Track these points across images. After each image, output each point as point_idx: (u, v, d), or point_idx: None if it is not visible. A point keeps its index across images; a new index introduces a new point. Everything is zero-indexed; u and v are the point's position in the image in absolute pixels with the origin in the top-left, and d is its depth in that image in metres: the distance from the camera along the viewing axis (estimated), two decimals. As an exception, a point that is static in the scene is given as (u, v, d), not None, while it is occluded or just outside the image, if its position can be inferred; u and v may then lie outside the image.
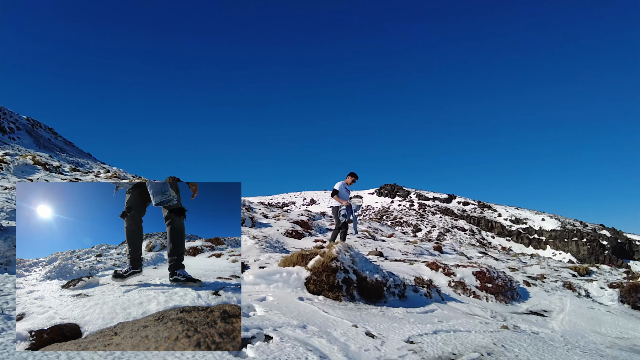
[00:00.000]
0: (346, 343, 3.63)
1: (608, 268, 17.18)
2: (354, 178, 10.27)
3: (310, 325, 3.95)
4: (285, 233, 14.03)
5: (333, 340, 3.62)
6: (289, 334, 3.52)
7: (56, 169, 17.99)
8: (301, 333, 3.63)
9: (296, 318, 4.10)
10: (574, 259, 74.32)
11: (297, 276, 5.58)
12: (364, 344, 3.71)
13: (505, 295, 8.14)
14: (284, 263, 6.12)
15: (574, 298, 9.39)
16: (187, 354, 2.62)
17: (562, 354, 4.50)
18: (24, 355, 2.38)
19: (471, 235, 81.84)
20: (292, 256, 6.16)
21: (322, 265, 5.64)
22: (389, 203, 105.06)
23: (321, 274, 5.56)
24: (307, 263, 5.83)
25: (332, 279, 5.53)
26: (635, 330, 7.26)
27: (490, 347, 4.22)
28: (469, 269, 8.73)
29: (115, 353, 2.54)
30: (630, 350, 5.86)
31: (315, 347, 3.32)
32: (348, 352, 3.40)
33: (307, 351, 3.16)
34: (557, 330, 6.44)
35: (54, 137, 42.44)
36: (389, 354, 3.60)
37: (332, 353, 3.29)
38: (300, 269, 5.75)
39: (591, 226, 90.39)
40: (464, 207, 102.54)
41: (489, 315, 6.50)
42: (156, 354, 2.60)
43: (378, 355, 3.50)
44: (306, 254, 6.10)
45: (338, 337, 3.76)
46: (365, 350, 3.54)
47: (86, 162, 32.21)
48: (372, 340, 3.86)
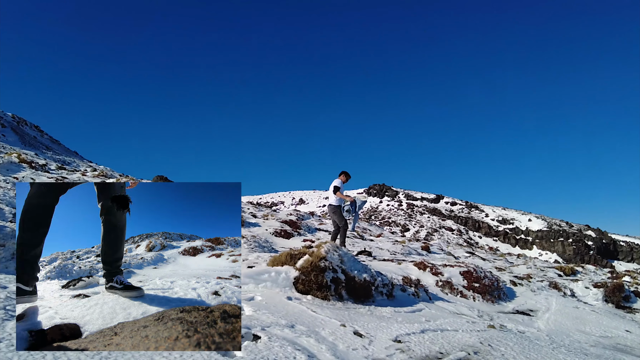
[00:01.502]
0: (334, 342, 3.63)
1: (593, 268, 17.43)
2: (347, 177, 10.26)
3: (299, 324, 3.95)
4: (274, 233, 14.01)
5: (321, 339, 3.63)
6: (277, 333, 3.52)
7: (42, 167, 17.76)
8: (289, 332, 3.63)
9: (284, 317, 4.10)
10: (560, 259, 75.12)
11: (286, 276, 5.58)
12: (352, 343, 3.72)
13: (492, 295, 8.21)
14: (272, 263, 6.11)
15: (559, 298, 9.51)
16: (175, 354, 2.61)
17: (548, 353, 4.55)
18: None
19: (459, 235, 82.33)
20: (281, 256, 6.16)
21: (310, 265, 5.64)
22: (378, 203, 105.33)
23: (310, 273, 5.56)
24: (296, 263, 5.83)
25: (320, 278, 5.54)
26: (619, 329, 7.37)
27: (477, 346, 4.26)
28: (456, 269, 8.79)
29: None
30: (614, 348, 5.95)
31: (304, 347, 3.32)
32: (336, 351, 3.41)
33: (296, 350, 3.16)
34: (543, 330, 6.52)
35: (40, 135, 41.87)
36: (377, 353, 3.61)
37: (320, 352, 3.30)
38: (288, 268, 5.74)
39: (577, 227, 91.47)
40: (452, 208, 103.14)
41: (475, 315, 6.55)
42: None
43: (366, 354, 3.52)
44: (295, 254, 6.10)
45: (326, 336, 3.77)
46: (353, 350, 3.55)
47: (73, 160, 31.83)
48: (360, 340, 3.87)
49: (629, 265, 74.50)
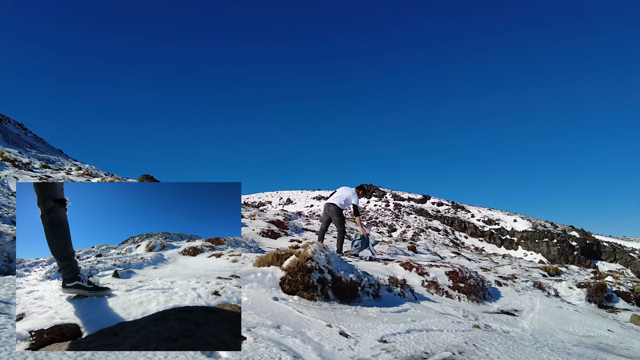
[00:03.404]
0: (320, 343, 3.63)
1: (577, 268, 17.69)
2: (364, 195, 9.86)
3: (285, 325, 3.94)
4: (261, 233, 13.98)
5: (307, 340, 3.62)
6: (262, 334, 3.50)
7: (26, 166, 17.50)
8: (275, 333, 3.61)
9: (270, 318, 4.08)
10: (545, 259, 75.90)
11: (272, 276, 5.56)
12: (337, 343, 3.72)
13: (477, 295, 8.28)
14: (258, 263, 6.08)
15: (543, 298, 9.62)
16: (160, 354, 2.59)
17: (532, 353, 4.60)
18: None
19: (445, 235, 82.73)
20: (267, 256, 6.14)
21: (297, 265, 5.63)
22: (365, 203, 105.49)
23: (296, 273, 5.55)
24: (282, 263, 5.82)
25: (307, 278, 5.53)
26: (601, 328, 7.49)
27: (462, 345, 4.29)
28: (442, 269, 8.85)
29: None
30: (596, 348, 6.04)
31: (289, 347, 3.31)
32: (322, 351, 3.41)
33: (281, 351, 3.15)
34: (527, 329, 6.59)
35: (24, 133, 41.28)
36: (363, 353, 3.62)
37: (306, 353, 3.29)
38: (275, 269, 5.73)
39: (561, 227, 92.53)
40: (438, 208, 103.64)
41: (461, 315, 6.60)
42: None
43: (352, 354, 3.52)
44: (281, 254, 6.08)
45: (312, 336, 3.76)
46: (339, 350, 3.55)
47: (57, 159, 31.44)
48: (345, 340, 3.87)
49: (611, 266, 75.70)
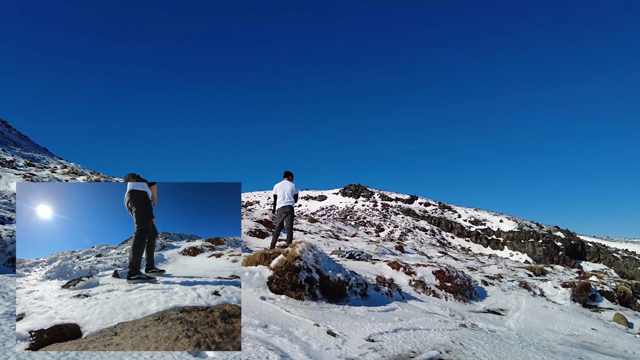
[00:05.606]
0: (307, 342, 3.62)
1: (561, 268, 17.90)
2: None
3: (272, 324, 3.92)
4: (249, 232, 13.93)
5: (294, 339, 3.61)
6: (250, 333, 3.49)
7: (9, 164, 17.23)
8: (262, 332, 3.60)
9: (258, 317, 4.07)
10: (530, 259, 76.80)
11: (260, 275, 5.54)
12: (325, 342, 3.72)
13: (463, 294, 8.33)
14: (246, 262, 6.06)
15: (529, 297, 9.72)
16: (146, 354, 2.58)
17: (518, 351, 4.64)
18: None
19: (432, 235, 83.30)
20: (255, 255, 6.11)
21: (285, 265, 5.62)
22: (353, 203, 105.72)
23: (284, 273, 5.54)
24: (270, 262, 5.80)
25: (294, 278, 5.52)
26: (585, 327, 7.58)
27: (449, 345, 4.31)
28: (429, 268, 8.89)
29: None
30: (580, 346, 6.11)
31: (277, 347, 3.30)
32: (309, 351, 3.40)
33: (268, 351, 3.13)
34: (513, 328, 6.64)
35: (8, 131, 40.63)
36: (350, 352, 3.62)
37: (294, 352, 3.28)
38: (263, 268, 5.71)
39: (547, 228, 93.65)
40: (426, 208, 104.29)
41: (447, 314, 6.63)
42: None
43: (339, 353, 3.52)
44: (269, 253, 6.06)
45: (299, 336, 3.75)
46: (327, 349, 3.55)
47: (42, 157, 31.00)
48: (333, 339, 3.87)
49: (595, 266, 76.85)
